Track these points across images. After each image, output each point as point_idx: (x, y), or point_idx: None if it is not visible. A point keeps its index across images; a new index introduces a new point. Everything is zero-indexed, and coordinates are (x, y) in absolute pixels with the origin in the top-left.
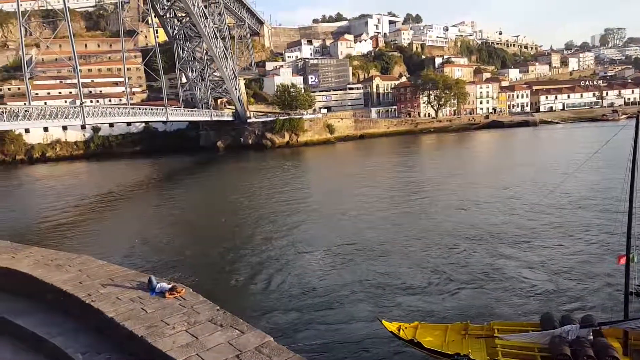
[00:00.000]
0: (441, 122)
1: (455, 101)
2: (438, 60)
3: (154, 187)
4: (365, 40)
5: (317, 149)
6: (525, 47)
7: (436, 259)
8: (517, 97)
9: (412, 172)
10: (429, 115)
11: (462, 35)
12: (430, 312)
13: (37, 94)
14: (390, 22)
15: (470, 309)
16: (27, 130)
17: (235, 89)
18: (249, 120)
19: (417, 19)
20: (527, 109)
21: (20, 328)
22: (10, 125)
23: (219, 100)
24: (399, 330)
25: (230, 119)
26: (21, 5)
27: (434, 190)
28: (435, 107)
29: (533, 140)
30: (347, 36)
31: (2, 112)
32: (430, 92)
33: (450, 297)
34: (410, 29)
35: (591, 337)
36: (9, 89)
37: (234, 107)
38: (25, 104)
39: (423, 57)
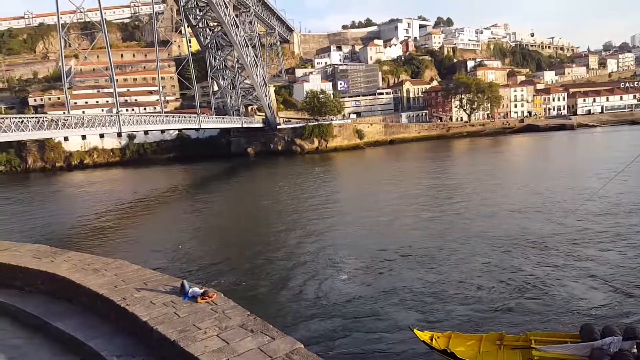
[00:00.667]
0: (474, 126)
1: (489, 105)
2: (470, 64)
3: (186, 192)
4: (395, 45)
5: (347, 154)
6: (561, 48)
7: (470, 265)
8: (553, 100)
9: (446, 177)
10: (461, 120)
11: (494, 38)
12: (464, 321)
13: (75, 103)
14: (421, 26)
15: (506, 318)
16: (66, 138)
17: (266, 95)
18: (278, 127)
19: (449, 22)
20: (564, 112)
21: (59, 330)
22: (50, 134)
23: (249, 107)
24: (431, 339)
25: (260, 125)
26: (61, 18)
27: (470, 195)
28: (467, 111)
29: (571, 144)
30: (376, 41)
31: (43, 120)
32: (463, 96)
33: (486, 306)
34: (442, 32)
35: (635, 351)
36: (49, 99)
37: (264, 114)
38: (64, 112)
39: (455, 60)
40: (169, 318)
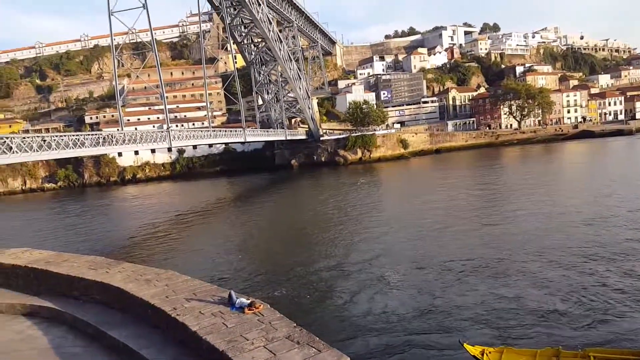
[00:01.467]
0: (525, 133)
1: (540, 111)
2: (519, 69)
3: (232, 204)
4: (439, 53)
5: (391, 164)
6: (617, 50)
7: (526, 276)
8: (609, 105)
9: (499, 186)
10: (510, 127)
11: (544, 42)
12: (517, 335)
13: (128, 120)
14: (466, 33)
15: (563, 332)
16: (119, 154)
17: (309, 108)
18: (321, 138)
19: (495, 27)
20: (621, 117)
21: (113, 339)
22: (105, 150)
23: (292, 120)
24: (482, 354)
25: (303, 137)
26: (114, 39)
27: (526, 204)
28: (517, 118)
29: (631, 150)
30: (420, 50)
31: (98, 137)
32: (512, 103)
33: (541, 319)
34: (488, 38)
35: None
36: (104, 116)
37: (307, 126)
38: (118, 129)
39: (502, 66)
40: (218, 328)
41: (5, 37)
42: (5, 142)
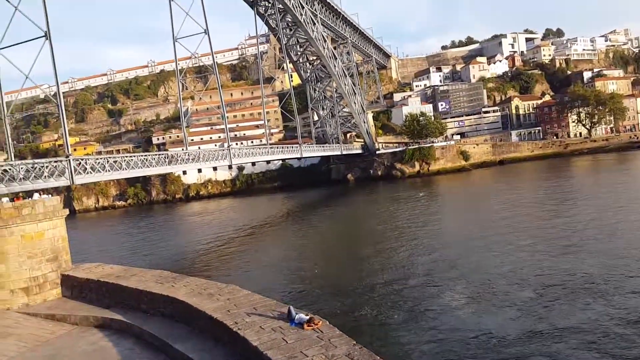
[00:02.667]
0: (596, 141)
1: (612, 118)
2: (586, 75)
3: (291, 219)
4: (500, 61)
5: (451, 177)
6: None
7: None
8: None
9: (572, 199)
10: (580, 135)
11: (613, 45)
12: None
13: (192, 139)
14: (528, 40)
15: None
16: (184, 172)
17: (364, 122)
18: (377, 152)
19: (559, 33)
20: None
21: (178, 352)
22: (171, 169)
23: (348, 134)
24: None
25: (359, 151)
26: (178, 64)
27: (607, 219)
28: (587, 126)
29: None
30: (479, 59)
31: (165, 157)
32: (580, 110)
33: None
34: (551, 44)
35: None
36: (170, 137)
37: (362, 140)
38: (182, 149)
39: (568, 72)
40: (278, 344)
41: (81, 67)
42: (80, 163)
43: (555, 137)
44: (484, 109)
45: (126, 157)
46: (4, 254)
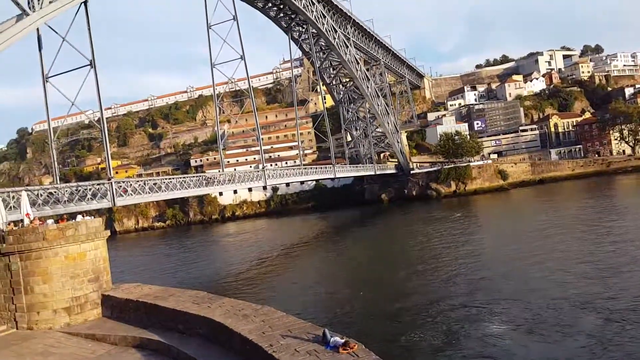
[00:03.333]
0: None
1: None
2: (628, 91)
3: (325, 240)
4: (537, 79)
5: (489, 197)
6: None
7: None
8: None
9: (622, 219)
10: (623, 153)
11: None
12: None
13: (228, 161)
14: (565, 57)
15: None
16: (220, 193)
17: (397, 142)
18: (412, 172)
19: (597, 49)
20: None
21: None
22: (208, 190)
23: (381, 154)
24: None
25: (393, 171)
26: (216, 89)
27: None
28: (630, 143)
29: None
30: (515, 77)
31: (202, 179)
32: (623, 127)
33: None
34: (590, 60)
35: None
36: (207, 159)
37: (396, 160)
38: (219, 171)
39: (609, 89)
40: None
41: (124, 94)
42: (121, 185)
43: (597, 155)
44: (521, 128)
45: (165, 179)
46: (48, 274)
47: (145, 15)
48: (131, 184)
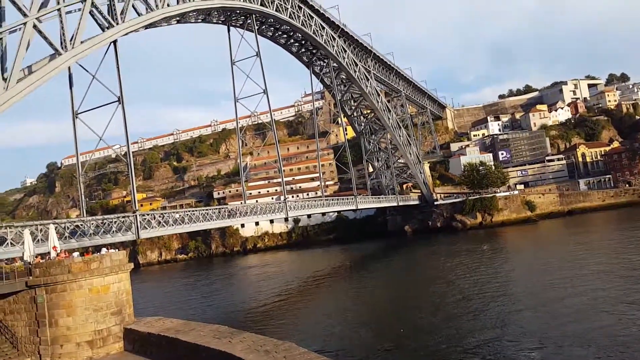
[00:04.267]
0: None
1: None
2: None
3: (348, 273)
4: (562, 109)
5: (516, 229)
6: None
7: None
8: None
9: None
10: None
11: None
12: None
13: (250, 193)
14: (590, 86)
15: None
16: (242, 225)
17: (420, 173)
18: (436, 203)
19: (623, 77)
20: None
21: None
22: (230, 222)
23: (404, 185)
24: None
25: (416, 202)
26: (239, 123)
27: None
28: None
29: None
30: (539, 107)
31: (224, 211)
32: None
33: None
34: (616, 89)
35: None
36: (230, 191)
37: (419, 191)
38: (241, 203)
39: (637, 117)
40: None
41: (150, 129)
42: (146, 218)
43: (627, 185)
44: (547, 158)
45: (188, 211)
46: (72, 307)
47: (172, 52)
48: (155, 217)
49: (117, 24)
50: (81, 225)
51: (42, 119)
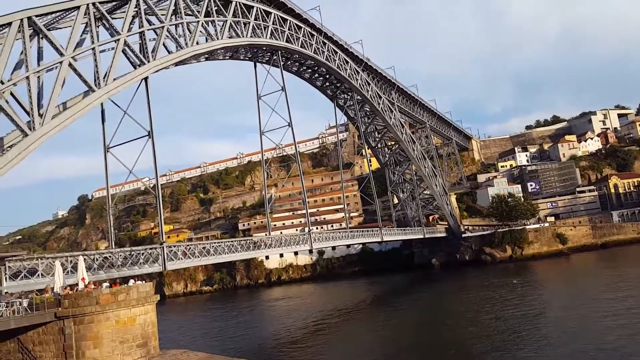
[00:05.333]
0: None
1: None
2: None
3: (373, 307)
4: (591, 139)
5: (548, 262)
6: None
7: None
8: None
9: None
10: None
11: None
12: None
13: (275, 225)
14: (620, 115)
15: None
16: (267, 257)
17: (447, 204)
18: (463, 235)
19: None
20: None
21: None
22: (255, 254)
23: (430, 217)
24: None
25: (443, 235)
26: (264, 155)
27: None
28: None
29: None
30: (568, 137)
31: (249, 242)
32: None
33: None
34: None
35: None
36: (255, 223)
37: (446, 223)
38: (266, 234)
39: None
40: None
41: (178, 161)
42: (172, 250)
43: None
44: (578, 189)
45: (214, 243)
46: (99, 338)
47: (200, 87)
48: (181, 248)
49: (149, 61)
50: (109, 256)
51: (74, 152)
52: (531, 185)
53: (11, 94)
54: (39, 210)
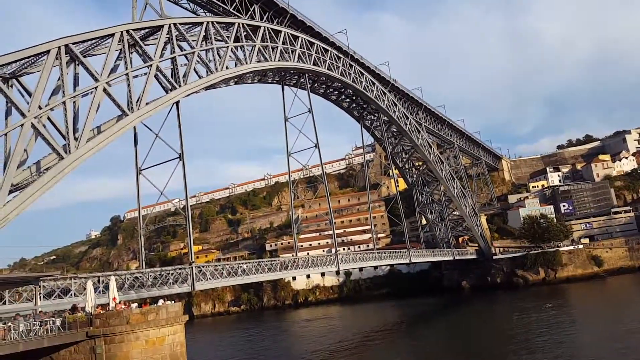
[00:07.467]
0: None
1: None
2: None
3: (402, 331)
4: (626, 158)
5: (583, 285)
6: None
7: None
8: None
9: None
10: None
11: None
12: None
13: (301, 245)
14: None
15: None
16: (294, 278)
17: (477, 225)
18: (494, 257)
19: None
20: None
21: None
22: (282, 275)
23: (460, 239)
24: None
25: (473, 256)
26: (291, 176)
27: None
28: None
29: None
30: (601, 156)
31: (276, 263)
32: None
33: None
34: None
35: None
36: (281, 244)
37: (476, 244)
38: (293, 255)
39: None
40: None
41: (207, 183)
42: (201, 270)
43: None
44: (613, 210)
45: (242, 263)
46: (129, 358)
47: (229, 110)
48: (210, 269)
49: (180, 86)
50: (140, 276)
51: (107, 174)
52: (564, 205)
53: (48, 118)
54: (73, 231)
